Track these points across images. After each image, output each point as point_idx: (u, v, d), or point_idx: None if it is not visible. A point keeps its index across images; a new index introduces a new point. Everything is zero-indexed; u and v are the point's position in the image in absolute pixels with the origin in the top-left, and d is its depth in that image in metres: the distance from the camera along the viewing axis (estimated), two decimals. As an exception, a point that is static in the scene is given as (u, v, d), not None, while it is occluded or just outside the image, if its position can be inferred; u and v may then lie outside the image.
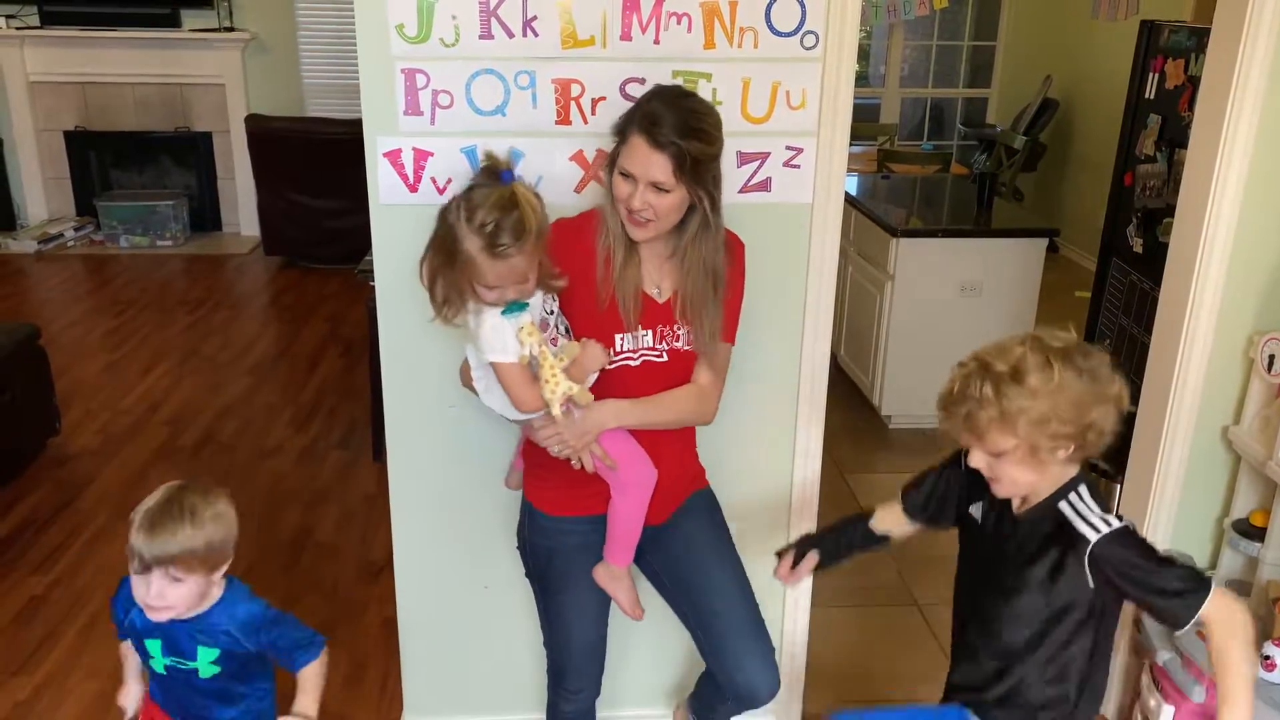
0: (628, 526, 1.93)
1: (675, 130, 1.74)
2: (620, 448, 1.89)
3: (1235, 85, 2.20)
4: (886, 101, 7.88)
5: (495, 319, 1.75)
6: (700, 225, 1.84)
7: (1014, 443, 1.55)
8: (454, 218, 1.69)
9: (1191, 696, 2.20)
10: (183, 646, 1.81)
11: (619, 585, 1.99)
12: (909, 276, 4.11)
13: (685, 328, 1.90)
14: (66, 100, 6.89)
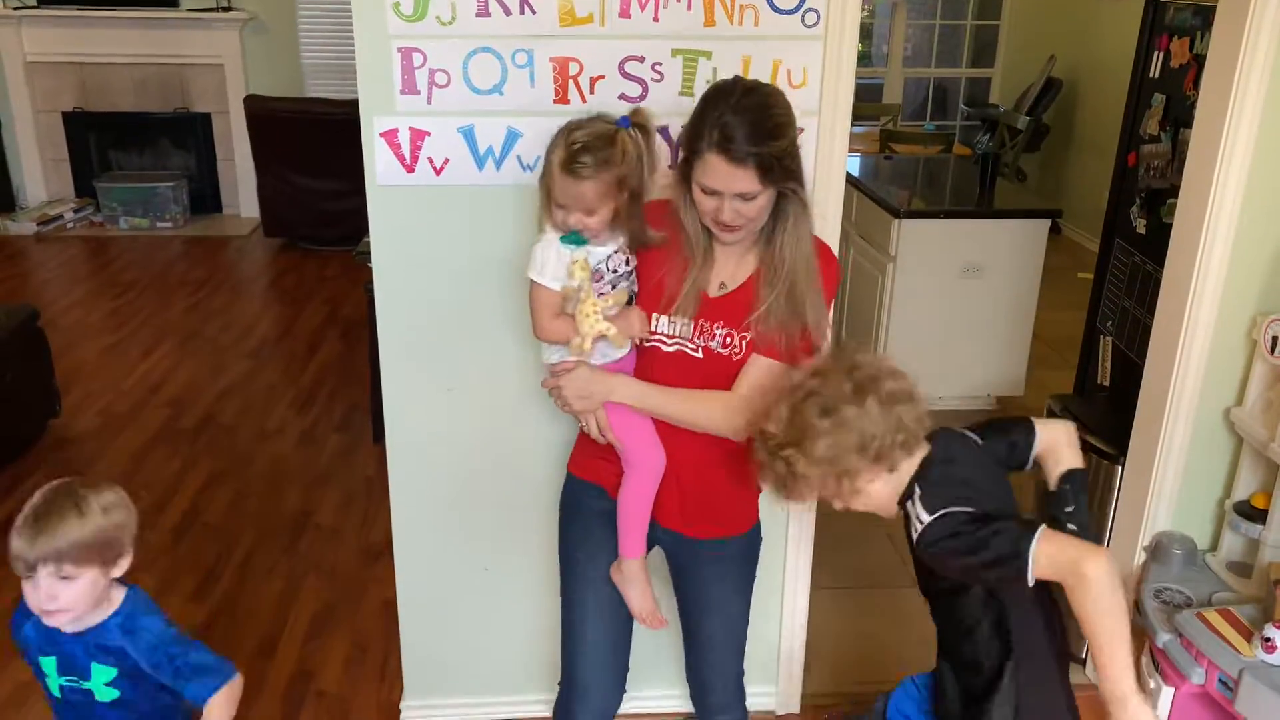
0: (629, 510, 1.89)
1: (751, 139, 1.64)
2: (630, 424, 1.85)
3: (1241, 64, 2.18)
4: (889, 81, 7.84)
5: (549, 239, 1.77)
6: (787, 229, 1.75)
7: (822, 490, 1.59)
8: (559, 130, 1.73)
9: (1191, 678, 2.20)
10: (78, 663, 1.66)
11: (630, 586, 1.91)
12: (911, 258, 4.09)
13: (726, 330, 1.79)
14: (64, 81, 6.85)
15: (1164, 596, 2.40)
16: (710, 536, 1.94)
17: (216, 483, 3.72)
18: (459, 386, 2.29)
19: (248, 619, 2.99)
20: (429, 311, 2.23)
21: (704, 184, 1.69)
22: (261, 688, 2.71)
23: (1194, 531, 2.55)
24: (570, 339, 1.79)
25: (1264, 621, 2.13)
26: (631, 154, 1.72)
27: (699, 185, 1.70)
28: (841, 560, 3.17)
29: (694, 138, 1.69)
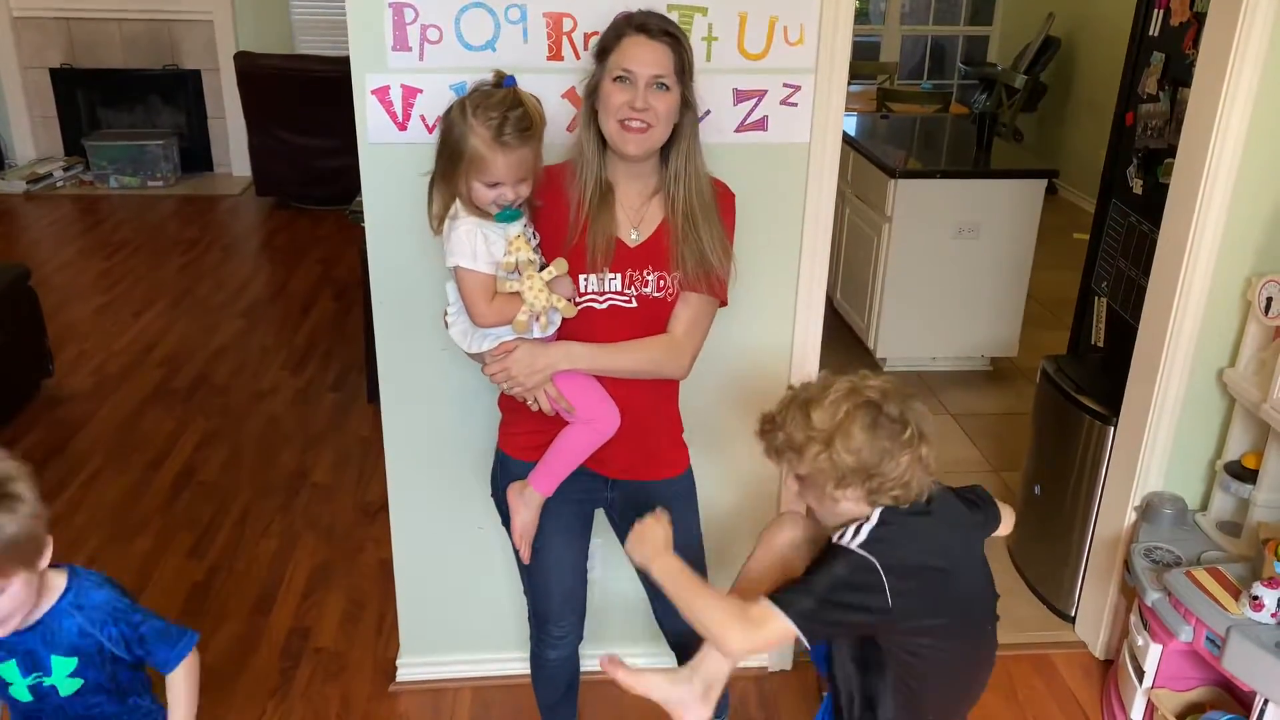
0: (563, 454, 1.89)
1: (665, 22, 1.77)
2: (579, 387, 1.85)
3: (1241, 22, 2.16)
4: (886, 39, 7.76)
5: (469, 225, 1.74)
6: (686, 151, 1.80)
7: (805, 472, 1.56)
8: (457, 115, 1.70)
9: (1179, 636, 2.23)
10: (40, 658, 1.58)
11: (524, 508, 1.93)
12: (907, 218, 4.08)
13: (658, 273, 1.83)
14: (51, 37, 6.76)
15: (1154, 556, 2.42)
16: (661, 477, 2.00)
17: (211, 442, 3.72)
18: (453, 345, 2.28)
19: (244, 577, 3.01)
20: (422, 270, 2.22)
21: (621, 67, 1.73)
22: (259, 644, 2.73)
23: (1185, 491, 2.56)
24: (510, 318, 1.77)
25: (1252, 580, 2.15)
26: (537, 104, 1.74)
27: (613, 76, 1.74)
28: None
29: (609, 34, 1.77)
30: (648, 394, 1.92)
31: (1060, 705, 2.60)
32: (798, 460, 1.56)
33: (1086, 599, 2.80)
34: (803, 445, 1.54)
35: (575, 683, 2.26)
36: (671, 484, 2.03)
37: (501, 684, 2.60)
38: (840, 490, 1.54)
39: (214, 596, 2.92)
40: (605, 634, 2.53)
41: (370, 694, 2.58)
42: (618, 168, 1.83)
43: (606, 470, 1.97)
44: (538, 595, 2.10)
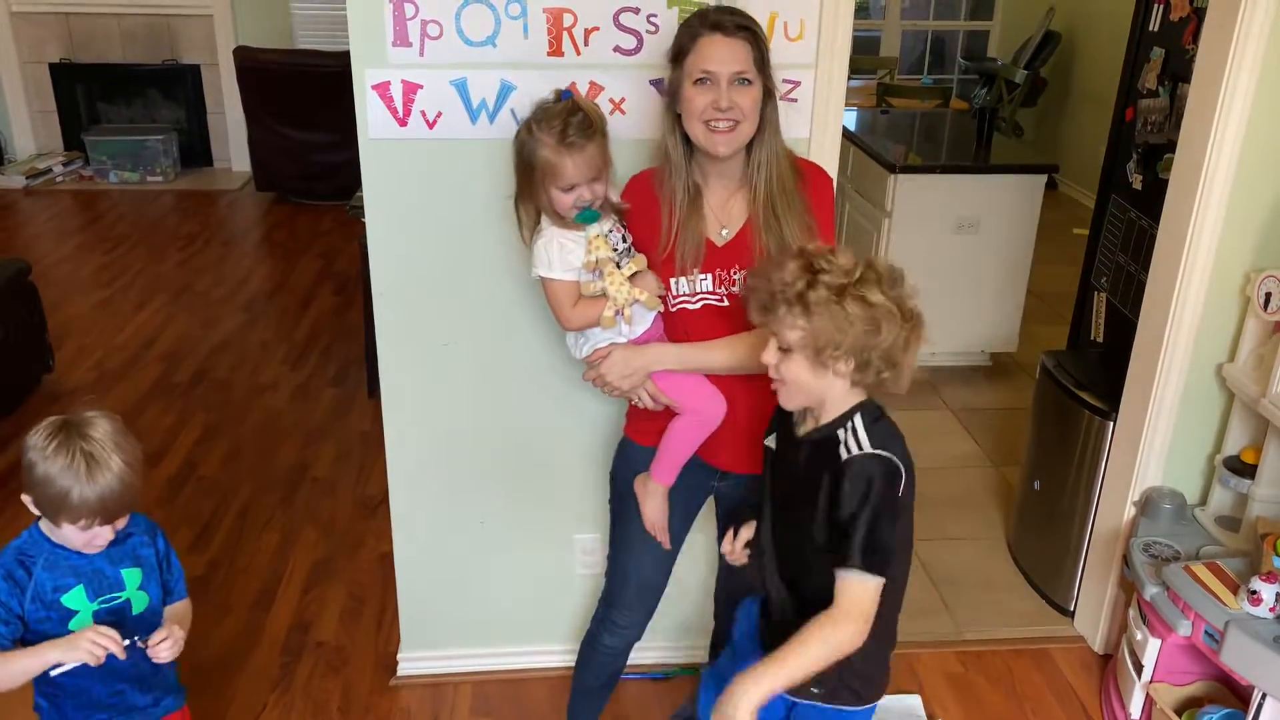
0: (674, 445, 1.92)
1: (741, 17, 1.76)
2: (681, 384, 1.88)
3: (1241, 18, 2.16)
4: (887, 34, 7.75)
5: (547, 235, 1.80)
6: (769, 140, 1.79)
7: (800, 335, 1.51)
8: (524, 134, 1.78)
9: (1177, 630, 2.23)
10: (109, 577, 1.68)
11: (650, 500, 1.97)
12: (907, 213, 4.08)
13: (745, 271, 1.82)
14: (50, 31, 6.75)
15: (1153, 550, 2.42)
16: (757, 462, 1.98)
17: (211, 437, 3.73)
18: (453, 340, 2.29)
19: (245, 571, 3.01)
20: (422, 265, 2.22)
21: (701, 69, 1.73)
22: (260, 639, 2.74)
23: (1184, 486, 2.57)
24: (598, 319, 1.82)
25: (1250, 575, 2.16)
26: (597, 110, 1.81)
27: (693, 79, 1.74)
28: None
29: (684, 35, 1.76)
30: (752, 388, 1.89)
31: (1059, 699, 2.60)
32: (799, 314, 1.49)
33: (1085, 593, 2.81)
34: (805, 295, 1.48)
35: (617, 676, 2.25)
36: None
37: (502, 678, 2.61)
38: (833, 360, 1.50)
39: (215, 591, 2.92)
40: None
41: (371, 688, 2.59)
42: (706, 168, 1.83)
43: (715, 461, 1.97)
44: (615, 577, 2.10)
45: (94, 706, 1.73)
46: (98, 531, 1.62)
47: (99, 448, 1.58)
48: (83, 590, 1.66)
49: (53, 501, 1.58)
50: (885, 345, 1.50)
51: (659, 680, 2.60)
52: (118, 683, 1.73)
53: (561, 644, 2.59)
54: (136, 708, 1.77)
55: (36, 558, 1.64)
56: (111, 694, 1.73)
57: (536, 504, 2.45)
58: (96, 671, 1.65)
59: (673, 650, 2.62)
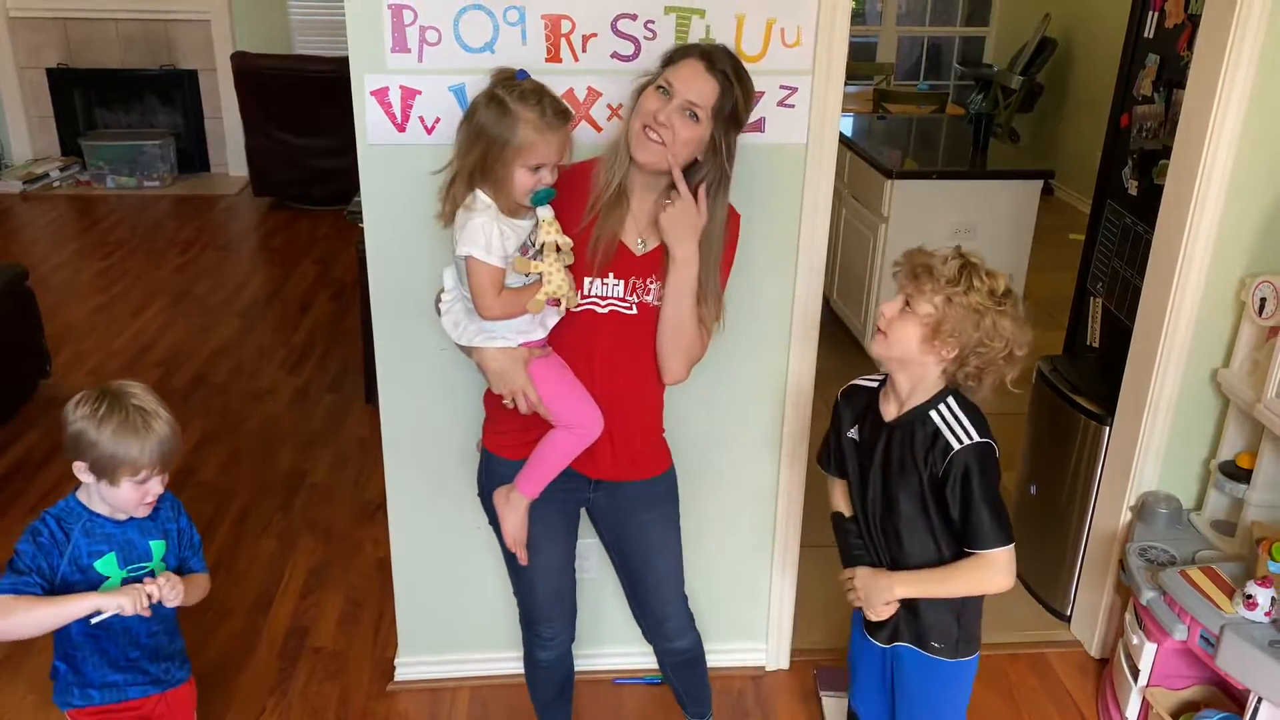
0: (548, 459, 1.90)
1: (732, 68, 1.77)
2: (562, 393, 1.87)
3: (1235, 25, 2.17)
4: (883, 40, 7.78)
5: (486, 217, 1.75)
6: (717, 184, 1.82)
7: (931, 311, 1.69)
8: (495, 106, 1.71)
9: (1173, 634, 2.24)
10: (138, 548, 1.80)
11: (511, 513, 1.94)
12: (903, 219, 4.09)
13: (660, 283, 1.85)
14: (48, 36, 6.75)
15: (1149, 555, 2.43)
16: (642, 477, 2.02)
17: (209, 442, 3.73)
18: (451, 346, 2.28)
19: (244, 576, 3.01)
20: (421, 271, 2.22)
21: (666, 79, 1.75)
22: (257, 644, 2.74)
23: (1180, 491, 2.57)
24: (519, 310, 1.78)
25: (1246, 579, 2.16)
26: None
27: (657, 85, 1.76)
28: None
29: (679, 49, 1.80)
30: (632, 397, 1.94)
31: (1056, 704, 2.61)
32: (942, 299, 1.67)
33: (1082, 598, 2.81)
34: (956, 289, 1.67)
35: (569, 683, 2.27)
36: (654, 483, 2.04)
37: (499, 683, 2.61)
38: (947, 348, 1.69)
39: (212, 596, 2.88)
40: (600, 634, 2.55)
41: (368, 693, 2.59)
42: (635, 177, 1.84)
43: (590, 471, 1.97)
44: (524, 596, 2.12)
45: (110, 666, 1.83)
46: (150, 487, 1.74)
47: (146, 403, 1.72)
48: (114, 557, 1.78)
49: (115, 459, 1.69)
50: (986, 360, 1.72)
51: (655, 685, 2.60)
52: (133, 648, 1.84)
53: (559, 649, 2.59)
54: (148, 672, 1.88)
55: (74, 524, 1.76)
56: (127, 658, 1.84)
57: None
58: (117, 636, 1.81)
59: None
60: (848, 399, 1.92)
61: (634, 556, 2.08)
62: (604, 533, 2.11)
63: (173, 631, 1.94)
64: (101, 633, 1.80)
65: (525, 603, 2.13)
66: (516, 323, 1.82)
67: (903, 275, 1.75)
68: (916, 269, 1.72)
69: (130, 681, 1.87)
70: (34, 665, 2.58)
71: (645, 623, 2.17)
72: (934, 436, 1.75)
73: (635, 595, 2.14)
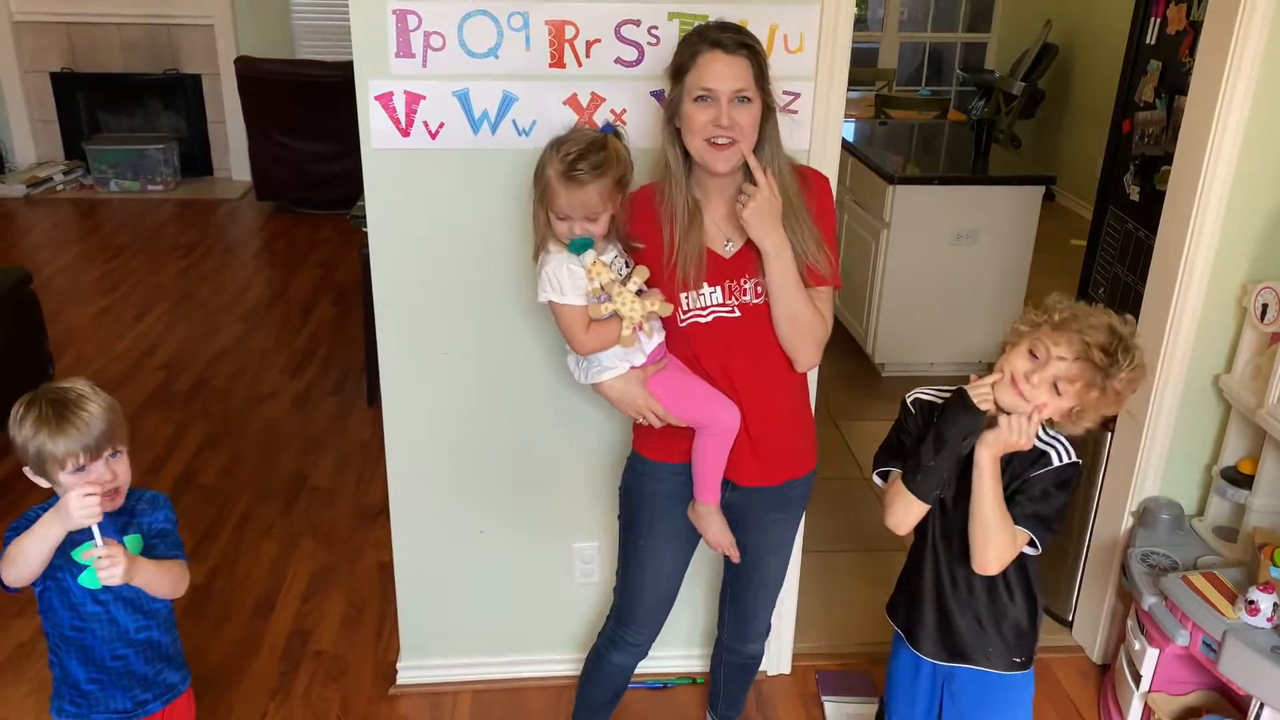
0: (706, 465, 1.92)
1: (740, 34, 1.75)
2: (687, 397, 1.88)
3: (1237, 32, 2.18)
4: (885, 46, 7.79)
5: (557, 260, 1.79)
6: (769, 154, 1.79)
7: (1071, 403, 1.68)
8: (547, 147, 1.78)
9: (1175, 640, 2.24)
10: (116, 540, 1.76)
11: (707, 523, 1.97)
12: (905, 224, 4.10)
13: (754, 280, 1.83)
14: (52, 41, 6.77)
15: (1150, 560, 2.43)
16: (780, 481, 1.99)
17: (211, 446, 3.73)
18: (454, 350, 2.30)
19: (245, 580, 3.01)
20: (424, 275, 2.23)
21: (702, 86, 1.72)
22: (259, 648, 2.74)
23: (1181, 497, 2.58)
24: (616, 339, 1.81)
25: (1248, 585, 2.16)
26: (624, 155, 1.79)
27: (693, 96, 1.73)
28: (831, 523, 3.20)
29: (684, 52, 1.76)
30: (763, 395, 1.90)
31: (1057, 709, 2.61)
32: (1132, 381, 1.66)
33: (1084, 603, 2.81)
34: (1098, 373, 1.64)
35: (624, 690, 2.25)
36: (791, 487, 2.02)
37: (501, 687, 2.61)
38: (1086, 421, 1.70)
39: (214, 600, 2.92)
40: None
41: (370, 697, 2.59)
42: (706, 183, 1.83)
43: (729, 474, 1.95)
44: (628, 594, 2.09)
45: (96, 665, 1.81)
46: (95, 473, 1.68)
47: (62, 394, 1.69)
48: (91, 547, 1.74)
49: (40, 456, 1.67)
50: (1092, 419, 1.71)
51: (657, 690, 2.60)
52: (122, 645, 1.81)
53: (561, 653, 2.59)
54: (136, 674, 1.85)
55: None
56: (113, 657, 1.82)
57: (536, 513, 2.46)
58: (99, 633, 1.78)
59: (671, 660, 2.61)
60: (920, 412, 1.85)
61: (747, 551, 2.06)
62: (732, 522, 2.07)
63: (168, 630, 1.90)
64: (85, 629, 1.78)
65: (627, 602, 2.10)
66: (616, 351, 1.84)
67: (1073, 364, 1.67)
68: (1104, 360, 1.65)
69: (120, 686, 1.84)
70: (37, 667, 2.59)
71: (733, 617, 2.17)
72: (1038, 455, 1.75)
73: (734, 589, 2.14)
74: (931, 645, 1.90)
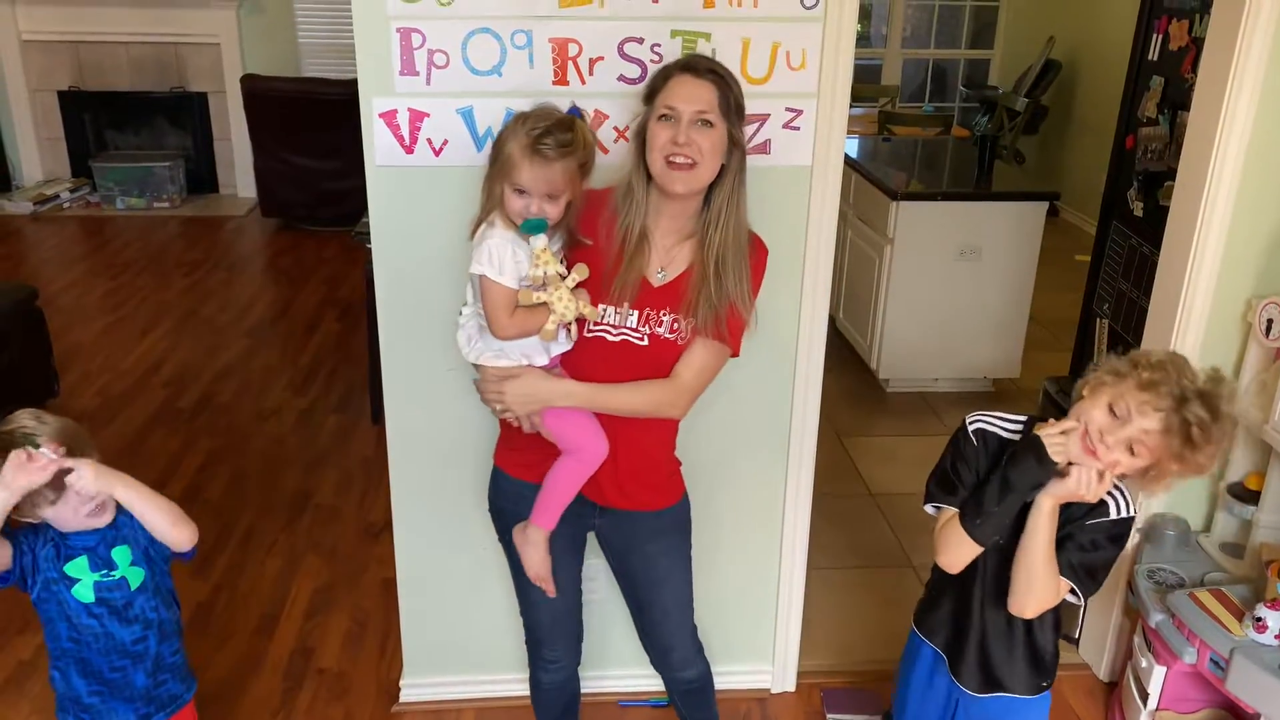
0: (558, 488, 1.89)
1: (714, 66, 1.78)
2: (565, 420, 1.85)
3: (1239, 47, 2.18)
4: (888, 62, 7.81)
5: (502, 238, 1.76)
6: (729, 193, 1.80)
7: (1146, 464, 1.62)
8: (510, 121, 1.77)
9: (1183, 657, 2.23)
10: (103, 556, 1.80)
11: (530, 549, 1.93)
12: (908, 240, 4.10)
13: (673, 315, 1.83)
14: (60, 59, 6.81)
15: (1157, 577, 2.42)
16: (649, 508, 1.99)
17: (215, 462, 3.73)
18: (459, 366, 2.29)
19: (248, 597, 3.01)
20: (428, 292, 2.23)
21: (665, 104, 1.74)
22: (262, 665, 2.73)
23: (1188, 513, 2.56)
24: (537, 330, 1.78)
25: (1255, 602, 2.15)
26: (590, 140, 1.78)
27: (659, 115, 1.75)
28: (837, 541, 3.19)
29: (657, 76, 1.79)
30: (638, 426, 1.91)
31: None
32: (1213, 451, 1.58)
33: (1090, 621, 2.80)
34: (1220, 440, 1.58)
35: (574, 706, 2.27)
36: (661, 515, 2.02)
37: (504, 705, 2.60)
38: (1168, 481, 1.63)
39: (217, 617, 2.92)
40: (606, 656, 2.54)
41: (373, 714, 2.58)
42: (661, 207, 1.83)
43: (595, 497, 1.96)
44: (529, 618, 2.11)
45: (96, 677, 1.83)
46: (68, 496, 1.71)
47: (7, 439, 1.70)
48: (85, 560, 1.79)
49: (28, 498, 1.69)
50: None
51: (660, 707, 2.59)
52: (119, 657, 1.83)
53: (564, 671, 2.58)
54: (137, 686, 1.86)
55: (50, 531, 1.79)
56: (112, 668, 1.83)
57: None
58: (96, 645, 1.80)
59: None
60: (982, 442, 1.78)
61: (640, 586, 2.07)
62: (611, 558, 2.10)
63: (166, 640, 1.90)
64: (82, 641, 1.80)
65: (530, 625, 2.12)
66: (524, 345, 1.82)
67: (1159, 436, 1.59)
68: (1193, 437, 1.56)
69: (122, 698, 1.85)
70: (39, 686, 2.58)
71: (652, 651, 2.16)
72: (1096, 503, 1.70)
73: (641, 624, 2.13)
74: (974, 680, 1.88)
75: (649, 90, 1.80)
